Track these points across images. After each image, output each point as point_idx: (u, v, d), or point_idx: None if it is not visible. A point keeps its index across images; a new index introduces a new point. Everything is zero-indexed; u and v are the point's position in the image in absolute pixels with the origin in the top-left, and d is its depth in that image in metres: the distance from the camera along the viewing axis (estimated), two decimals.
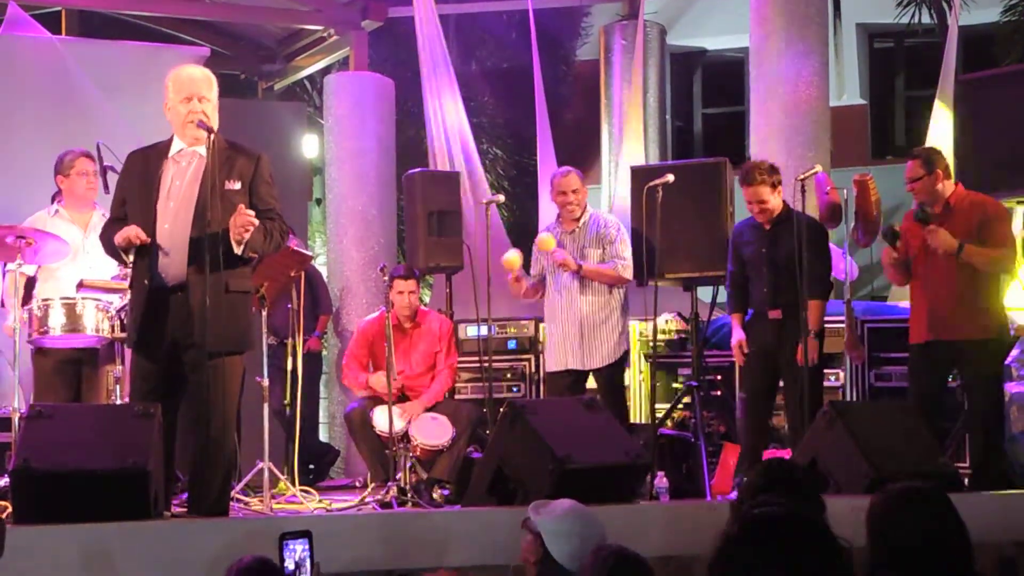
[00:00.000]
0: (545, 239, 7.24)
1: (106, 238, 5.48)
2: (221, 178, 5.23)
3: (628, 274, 7.20)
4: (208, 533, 4.91)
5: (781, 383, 6.80)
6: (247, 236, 5.18)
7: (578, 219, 7.28)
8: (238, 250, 5.20)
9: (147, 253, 5.30)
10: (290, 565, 3.97)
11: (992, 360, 6.38)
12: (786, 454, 6.88)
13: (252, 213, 5.17)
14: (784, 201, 6.81)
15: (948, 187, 6.41)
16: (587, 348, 7.18)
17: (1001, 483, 6.14)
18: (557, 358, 7.29)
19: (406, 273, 7.63)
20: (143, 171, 5.42)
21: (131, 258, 5.34)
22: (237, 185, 5.29)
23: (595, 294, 7.20)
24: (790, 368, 6.61)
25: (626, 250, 7.21)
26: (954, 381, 7.16)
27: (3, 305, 6.72)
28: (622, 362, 7.39)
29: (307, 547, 4.01)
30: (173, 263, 5.27)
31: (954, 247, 6.22)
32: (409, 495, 6.58)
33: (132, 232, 5.22)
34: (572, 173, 7.35)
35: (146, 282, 5.31)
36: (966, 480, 6.33)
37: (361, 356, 7.65)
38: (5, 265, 6.42)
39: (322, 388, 10.14)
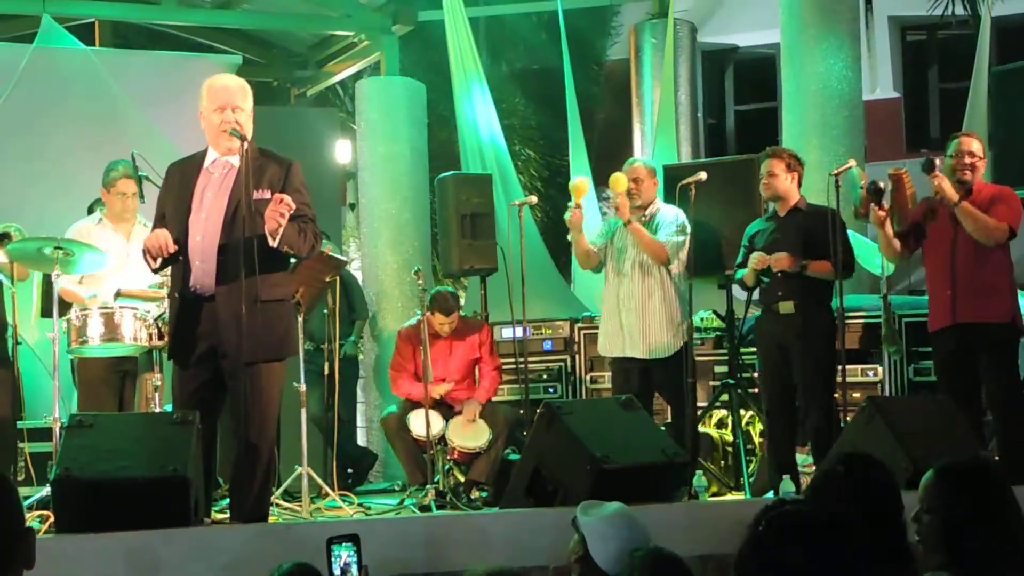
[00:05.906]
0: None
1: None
2: (251, 188, 5.21)
3: (671, 255, 6.92)
4: (248, 539, 4.93)
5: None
6: (283, 223, 5.10)
7: (645, 208, 7.10)
8: (273, 243, 5.12)
9: (179, 263, 5.33)
10: (336, 570, 3.99)
11: (1005, 346, 6.35)
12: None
13: (290, 199, 5.12)
14: (802, 196, 6.79)
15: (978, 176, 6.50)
16: (636, 336, 6.93)
17: None
18: (609, 344, 7.11)
19: (446, 308, 7.53)
20: (179, 184, 5.44)
21: (157, 264, 5.37)
22: (267, 195, 5.22)
23: (647, 283, 6.96)
24: (804, 364, 6.56)
25: (679, 235, 6.93)
26: None
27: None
28: (680, 356, 6.93)
29: (353, 552, 4.02)
30: (205, 273, 5.28)
31: (955, 198, 6.27)
32: (448, 498, 6.60)
33: (162, 239, 5.24)
34: (637, 162, 7.29)
35: (178, 293, 5.35)
36: None
37: (407, 364, 7.64)
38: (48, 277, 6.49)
39: (359, 392, 10.16)
